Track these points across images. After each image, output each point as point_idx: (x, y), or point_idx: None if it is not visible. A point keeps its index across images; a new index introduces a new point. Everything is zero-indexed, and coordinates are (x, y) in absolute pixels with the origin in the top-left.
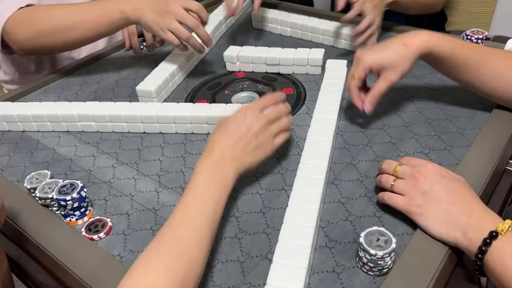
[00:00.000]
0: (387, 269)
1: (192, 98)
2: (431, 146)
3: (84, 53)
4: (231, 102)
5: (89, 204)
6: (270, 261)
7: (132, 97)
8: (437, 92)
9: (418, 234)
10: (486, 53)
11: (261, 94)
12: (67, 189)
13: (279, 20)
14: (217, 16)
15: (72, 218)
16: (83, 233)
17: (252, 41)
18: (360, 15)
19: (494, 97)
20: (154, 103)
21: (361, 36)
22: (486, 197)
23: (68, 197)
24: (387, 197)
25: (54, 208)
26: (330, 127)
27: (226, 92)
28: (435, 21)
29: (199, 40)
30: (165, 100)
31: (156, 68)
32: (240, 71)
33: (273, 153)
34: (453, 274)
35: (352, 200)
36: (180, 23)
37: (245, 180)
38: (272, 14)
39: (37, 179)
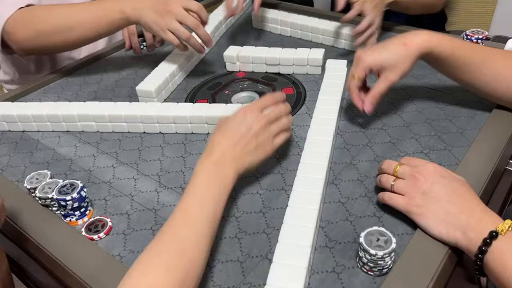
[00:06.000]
0: (387, 269)
1: (192, 98)
2: (431, 146)
3: (84, 53)
4: (231, 102)
5: (89, 204)
6: (270, 261)
7: (132, 97)
8: (437, 92)
9: (418, 234)
10: (486, 53)
11: (261, 94)
12: (67, 189)
13: (279, 20)
14: (217, 16)
15: (72, 218)
16: (83, 233)
17: (252, 41)
18: (360, 15)
19: (494, 97)
20: (154, 103)
21: (361, 36)
22: (486, 197)
23: (68, 197)
24: (387, 197)
25: (54, 208)
26: (330, 127)
27: (226, 92)
28: (435, 21)
29: (199, 40)
30: (165, 100)
31: (156, 68)
32: (240, 71)
33: (273, 153)
34: (453, 274)
35: (352, 200)
36: (180, 23)
37: (245, 180)
38: (272, 14)
39: (37, 179)
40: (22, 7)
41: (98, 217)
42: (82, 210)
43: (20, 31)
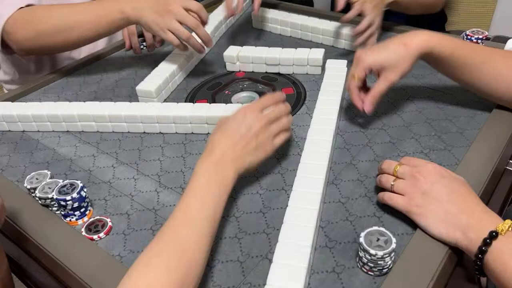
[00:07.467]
0: (387, 269)
1: (192, 98)
2: (431, 146)
3: (84, 53)
4: (231, 102)
5: (89, 204)
6: (270, 261)
7: (132, 97)
8: (437, 92)
9: (418, 234)
10: (486, 53)
11: (261, 94)
12: (67, 189)
13: (279, 20)
14: (217, 16)
15: (72, 218)
16: (83, 233)
17: (252, 41)
18: (360, 15)
19: (494, 97)
20: (154, 103)
21: (361, 36)
22: (486, 197)
23: (68, 197)
24: (387, 197)
25: (54, 208)
26: (330, 127)
27: (226, 92)
28: (435, 21)
29: (199, 40)
30: (165, 100)
31: (156, 68)
32: (240, 71)
33: (273, 153)
34: (453, 274)
35: (352, 200)
36: (180, 23)
37: (245, 180)
38: (272, 14)
39: (37, 179)
40: (22, 7)
41: (98, 217)
42: (82, 210)
43: (20, 31)
